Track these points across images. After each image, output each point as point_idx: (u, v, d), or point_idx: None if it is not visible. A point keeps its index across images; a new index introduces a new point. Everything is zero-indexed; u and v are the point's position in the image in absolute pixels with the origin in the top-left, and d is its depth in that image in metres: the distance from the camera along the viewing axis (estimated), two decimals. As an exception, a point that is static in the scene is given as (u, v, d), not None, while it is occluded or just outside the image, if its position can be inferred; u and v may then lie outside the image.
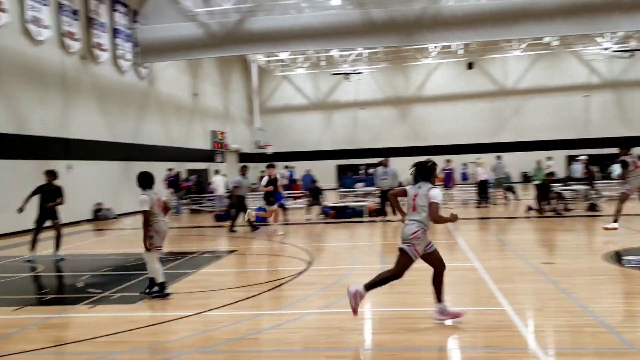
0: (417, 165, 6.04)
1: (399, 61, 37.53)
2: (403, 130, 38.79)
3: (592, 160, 22.27)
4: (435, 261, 5.97)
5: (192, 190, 23.35)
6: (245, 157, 37.50)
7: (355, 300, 5.87)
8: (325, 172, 36.10)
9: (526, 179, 31.87)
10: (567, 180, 22.07)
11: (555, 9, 18.49)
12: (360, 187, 23.96)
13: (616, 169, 22.99)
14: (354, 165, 33.86)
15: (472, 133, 37.51)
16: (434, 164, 6.08)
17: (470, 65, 37.64)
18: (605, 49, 33.34)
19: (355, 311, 5.89)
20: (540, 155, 27.09)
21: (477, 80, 37.88)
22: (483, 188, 20.27)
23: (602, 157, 30.27)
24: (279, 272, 9.43)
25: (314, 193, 18.30)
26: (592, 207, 17.36)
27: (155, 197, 7.50)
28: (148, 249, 7.43)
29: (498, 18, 18.73)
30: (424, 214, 5.76)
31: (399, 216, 6.31)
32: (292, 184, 25.97)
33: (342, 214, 17.83)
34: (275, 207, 14.63)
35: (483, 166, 20.61)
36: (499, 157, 21.26)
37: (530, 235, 13.33)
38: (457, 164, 25.92)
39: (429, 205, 5.72)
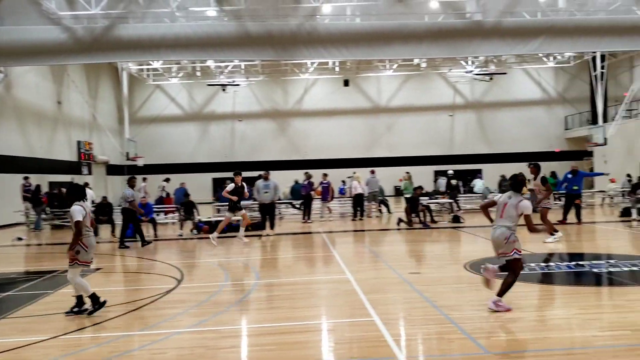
0: (512, 178, 7.09)
1: (278, 75, 37.80)
2: (282, 144, 39.03)
3: (456, 175, 23.72)
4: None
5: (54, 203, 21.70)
6: (113, 169, 35.69)
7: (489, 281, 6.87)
8: (200, 186, 35.32)
9: (398, 192, 33.33)
10: (435, 194, 23.38)
11: (424, 32, 19.57)
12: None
13: (477, 184, 24.71)
14: (231, 179, 33.44)
15: (348, 148, 38.59)
16: (524, 177, 7.14)
17: (346, 82, 38.83)
18: (468, 72, 35.93)
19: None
20: (411, 170, 28.44)
21: (353, 97, 39.13)
22: (358, 201, 20.85)
23: (465, 172, 32.45)
24: (146, 290, 8.96)
25: (186, 207, 17.71)
26: (456, 219, 18.46)
27: (88, 210, 7.23)
28: (72, 263, 7.09)
29: (371, 38, 19.47)
30: (512, 222, 6.71)
31: (275, 230, 6.30)
32: (164, 198, 24.98)
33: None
34: (243, 212, 14.57)
35: (358, 180, 21.22)
36: (372, 172, 21.98)
37: (400, 247, 13.86)
38: (335, 178, 26.49)
39: (525, 217, 6.69)
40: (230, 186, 14.45)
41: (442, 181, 23.81)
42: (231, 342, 5.95)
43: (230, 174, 15.89)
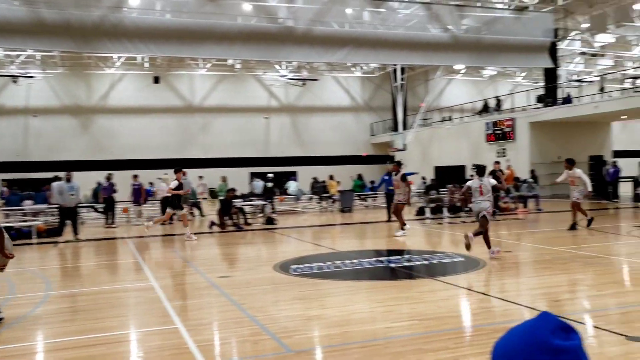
0: (477, 167, 10.94)
1: (80, 68, 34.95)
2: (85, 142, 36.14)
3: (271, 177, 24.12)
4: (484, 223, 10.30)
5: None
6: None
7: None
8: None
9: (213, 194, 32.91)
10: (250, 196, 23.47)
11: (236, 34, 19.55)
12: (29, 205, 21.35)
13: (291, 185, 25.34)
14: (25, 180, 30.33)
15: (159, 148, 37.05)
16: (485, 166, 11.33)
17: (156, 79, 37.20)
18: (282, 76, 36.81)
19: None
20: (226, 172, 28.27)
21: (164, 94, 37.70)
22: (168, 204, 20.09)
23: (281, 174, 33.11)
24: None
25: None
26: (270, 221, 18.71)
27: None
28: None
29: (181, 36, 18.92)
30: (489, 194, 10.37)
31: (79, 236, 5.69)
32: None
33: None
34: (184, 211, 15.14)
35: (168, 182, 20.45)
36: (184, 173, 21.35)
37: (212, 250, 13.62)
38: (147, 180, 25.31)
39: (496, 185, 10.93)
40: (174, 183, 14.65)
41: (258, 183, 23.99)
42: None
43: (27, 175, 14.38)
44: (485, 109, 34.19)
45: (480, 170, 10.77)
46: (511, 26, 22.79)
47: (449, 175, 29.28)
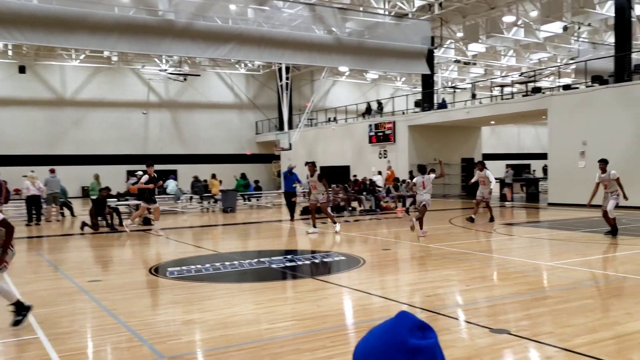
0: (420, 166, 13.54)
1: None
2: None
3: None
4: (424, 210, 13.20)
5: None
6: None
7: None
8: None
9: (86, 193, 31.05)
10: (126, 195, 22.33)
11: (112, 24, 18.49)
12: None
13: (170, 185, 24.47)
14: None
15: (26, 143, 34.33)
16: (426, 166, 13.91)
17: (22, 69, 34.33)
18: (162, 70, 35.54)
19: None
20: (102, 169, 26.78)
21: (31, 85, 34.97)
22: (34, 204, 18.64)
23: (160, 172, 31.86)
24: None
25: None
26: (147, 222, 17.91)
27: None
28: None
29: (50, 23, 17.50)
30: (430, 187, 13.16)
31: None
32: None
33: None
34: (157, 205, 15.15)
35: (34, 180, 18.94)
36: (52, 171, 19.93)
37: (83, 253, 12.78)
38: (12, 177, 23.30)
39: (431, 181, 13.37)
40: (144, 178, 14.58)
41: (132, 182, 22.86)
42: None
43: None
44: (368, 111, 35.23)
45: (422, 169, 13.53)
46: (392, 32, 23.60)
47: (334, 175, 29.80)
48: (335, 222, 14.77)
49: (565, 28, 26.85)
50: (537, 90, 25.89)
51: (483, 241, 13.20)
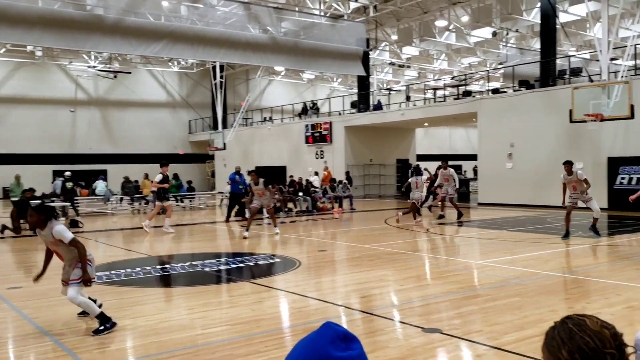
0: (415, 168, 17.65)
1: None
2: None
3: (77, 176, 22.20)
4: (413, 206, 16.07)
5: None
6: None
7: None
8: None
9: (6, 194, 29.53)
10: (51, 196, 21.37)
11: (36, 18, 17.53)
12: None
13: (99, 185, 23.62)
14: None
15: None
16: (420, 167, 18.53)
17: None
18: (91, 67, 34.27)
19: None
20: (25, 169, 25.51)
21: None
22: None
23: (89, 172, 30.75)
24: None
25: None
26: (74, 224, 17.20)
27: None
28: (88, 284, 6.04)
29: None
30: (422, 187, 16.33)
31: None
32: None
33: None
34: (169, 202, 15.87)
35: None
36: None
37: (3, 258, 12.10)
38: None
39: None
40: (159, 177, 15.18)
41: (58, 182, 21.90)
42: None
43: None
44: (305, 111, 35.26)
45: (417, 171, 17.06)
46: (327, 33, 23.68)
47: (270, 176, 29.61)
48: (276, 226, 14.67)
49: (494, 33, 27.80)
50: (467, 93, 26.68)
51: (417, 241, 13.43)
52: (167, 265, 9.90)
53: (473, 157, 24.68)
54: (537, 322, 5.83)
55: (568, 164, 12.28)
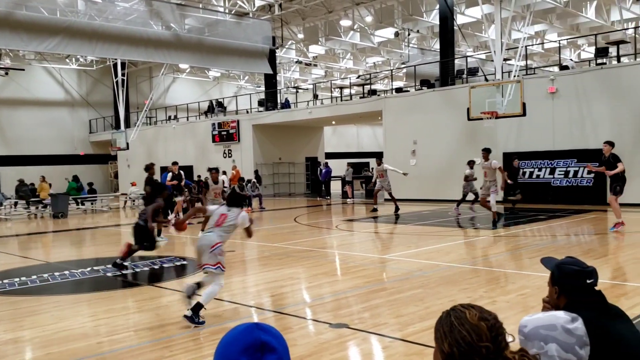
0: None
1: None
2: None
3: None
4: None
5: None
6: None
7: None
8: None
9: None
10: None
11: None
12: None
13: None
14: None
15: None
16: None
17: None
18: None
19: None
20: None
21: None
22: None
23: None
24: None
25: None
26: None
27: None
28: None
29: None
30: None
31: None
32: None
33: None
34: (180, 199, 16.29)
35: None
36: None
37: None
38: None
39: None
40: (169, 175, 15.95)
41: None
42: None
43: None
44: (211, 109, 34.69)
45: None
46: (232, 30, 23.43)
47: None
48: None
49: (396, 34, 28.65)
50: (373, 92, 27.33)
51: (326, 238, 13.60)
52: (66, 272, 9.40)
53: (380, 155, 25.33)
54: (439, 312, 5.97)
55: (485, 151, 14.00)
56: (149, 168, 13.23)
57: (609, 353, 2.25)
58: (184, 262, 10.24)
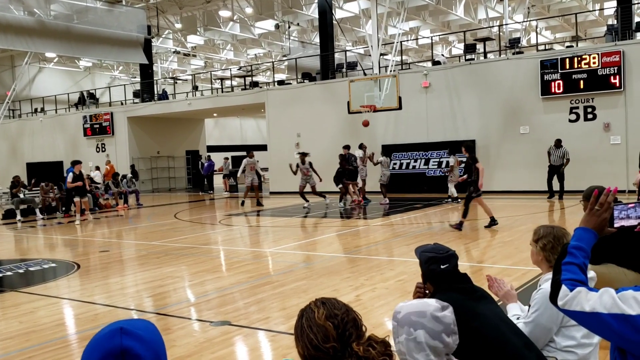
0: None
1: None
2: None
3: None
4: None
5: None
6: None
7: None
8: None
9: None
10: None
11: None
12: None
13: None
14: None
15: None
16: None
17: None
18: None
19: None
20: None
21: None
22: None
23: None
24: None
25: None
26: None
27: None
28: None
29: None
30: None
31: None
32: None
33: None
34: (86, 199, 15.97)
35: None
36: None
37: None
38: None
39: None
40: (70, 176, 15.27)
41: None
42: None
43: None
44: (82, 101, 32.65)
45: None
46: (104, 18, 22.12)
47: (43, 173, 26.95)
48: None
49: (277, 26, 28.59)
50: (255, 84, 27.09)
51: (209, 234, 13.26)
52: None
53: (264, 147, 25.13)
54: (322, 302, 6.08)
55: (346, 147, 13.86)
56: None
57: (474, 333, 2.43)
58: (53, 265, 9.49)
